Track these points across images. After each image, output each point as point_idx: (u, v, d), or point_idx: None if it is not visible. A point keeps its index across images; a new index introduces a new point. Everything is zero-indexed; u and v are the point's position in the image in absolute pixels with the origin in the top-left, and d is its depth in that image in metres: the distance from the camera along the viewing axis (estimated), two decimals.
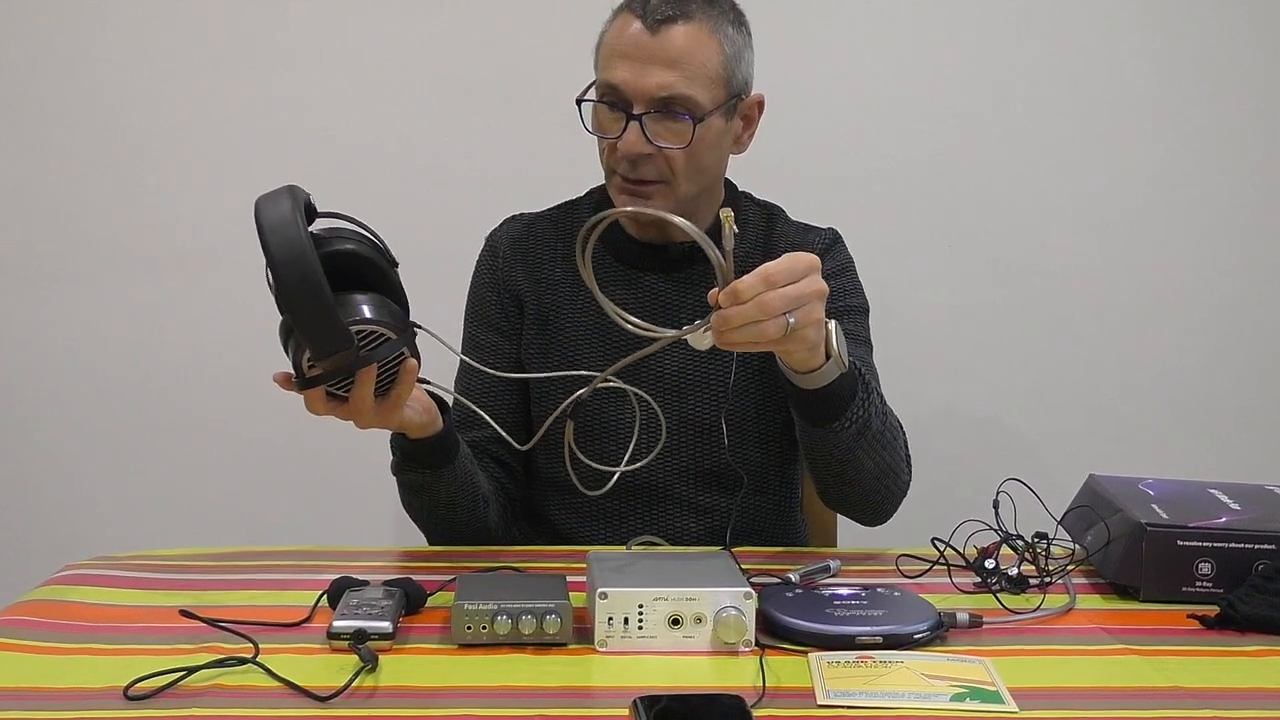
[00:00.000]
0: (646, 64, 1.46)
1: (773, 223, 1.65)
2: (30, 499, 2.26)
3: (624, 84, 1.47)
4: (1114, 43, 2.24)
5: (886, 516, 1.52)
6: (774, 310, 1.18)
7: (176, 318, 2.24)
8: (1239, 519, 1.31)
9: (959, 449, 2.27)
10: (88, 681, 1.04)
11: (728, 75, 1.50)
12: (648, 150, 1.48)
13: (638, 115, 1.47)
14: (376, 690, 1.03)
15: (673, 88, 1.46)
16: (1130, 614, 1.25)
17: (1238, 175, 2.28)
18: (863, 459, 1.41)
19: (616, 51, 1.48)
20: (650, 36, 1.46)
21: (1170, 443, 2.31)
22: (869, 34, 2.23)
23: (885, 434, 1.43)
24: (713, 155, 1.54)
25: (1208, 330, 2.31)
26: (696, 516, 1.58)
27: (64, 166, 2.20)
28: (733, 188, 1.66)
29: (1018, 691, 1.03)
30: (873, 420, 1.39)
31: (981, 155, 2.26)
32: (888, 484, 1.47)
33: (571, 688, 1.05)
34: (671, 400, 1.56)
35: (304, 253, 1.13)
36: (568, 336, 1.61)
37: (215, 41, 2.19)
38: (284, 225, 1.14)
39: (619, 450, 1.56)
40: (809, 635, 1.13)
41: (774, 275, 1.18)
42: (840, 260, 1.64)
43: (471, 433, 1.56)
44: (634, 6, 1.49)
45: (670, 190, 1.52)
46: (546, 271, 1.64)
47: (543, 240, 1.66)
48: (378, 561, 1.38)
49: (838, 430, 1.37)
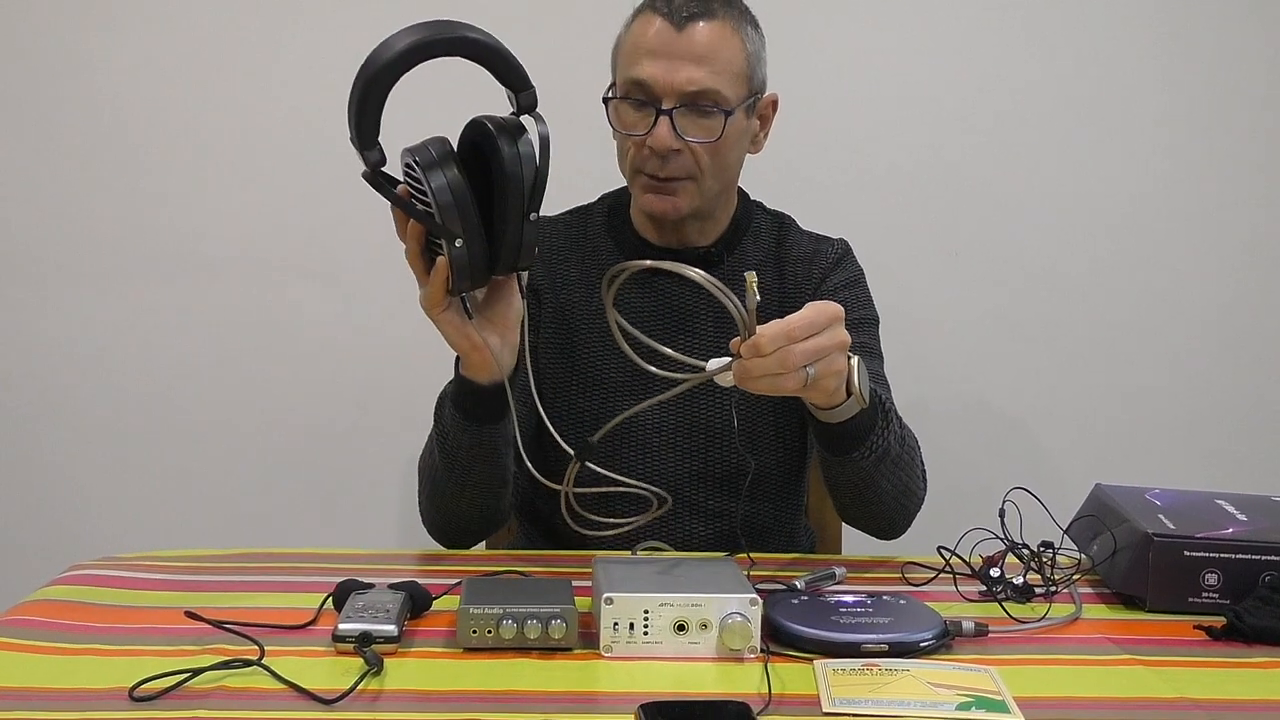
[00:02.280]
0: (675, 60, 1.47)
1: (784, 233, 1.66)
2: (35, 500, 2.26)
3: (653, 80, 1.48)
4: (1121, 49, 2.24)
5: (902, 531, 1.54)
6: (794, 365, 1.18)
7: (182, 319, 2.24)
8: (1246, 530, 1.31)
9: (965, 457, 2.27)
10: (93, 682, 1.04)
11: (750, 73, 1.52)
12: (677, 145, 1.49)
13: (668, 110, 1.48)
14: (381, 693, 1.03)
15: (701, 82, 1.47)
16: (1136, 624, 1.25)
17: (1246, 182, 2.27)
18: (881, 483, 1.43)
19: (642, 49, 1.49)
20: (677, 33, 1.48)
21: (1177, 452, 2.30)
22: (877, 41, 2.23)
23: (903, 456, 1.45)
24: (736, 152, 1.56)
25: (1216, 340, 2.30)
26: (706, 521, 1.58)
27: (66, 168, 2.20)
28: (745, 196, 1.66)
29: (1023, 701, 1.03)
30: (891, 447, 1.40)
31: (988, 162, 2.25)
32: (904, 503, 1.49)
33: (576, 693, 1.05)
34: (684, 404, 1.56)
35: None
36: (581, 336, 1.61)
37: (222, 43, 2.19)
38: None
39: (635, 459, 1.56)
40: (815, 642, 1.13)
41: (796, 329, 1.18)
42: (850, 273, 1.65)
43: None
44: (657, 6, 1.50)
45: (696, 187, 1.53)
46: (562, 271, 1.64)
47: (556, 242, 1.66)
48: (383, 564, 1.38)
49: (857, 459, 1.39)
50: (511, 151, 1.22)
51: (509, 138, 1.23)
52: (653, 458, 1.58)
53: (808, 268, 1.63)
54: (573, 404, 1.59)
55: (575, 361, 1.60)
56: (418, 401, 1.73)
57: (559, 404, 1.59)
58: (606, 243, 1.65)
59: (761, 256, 1.62)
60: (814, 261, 1.63)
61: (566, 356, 1.61)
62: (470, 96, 1.31)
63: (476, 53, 1.22)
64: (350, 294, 2.23)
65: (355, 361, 2.25)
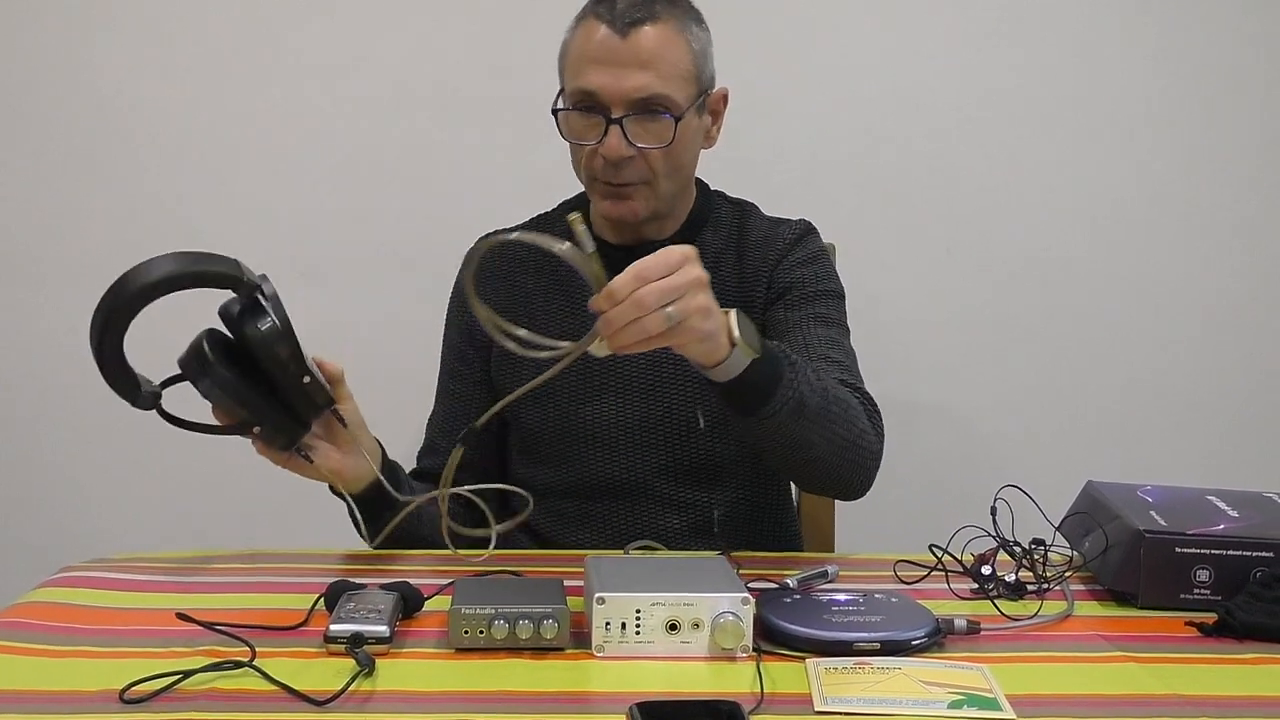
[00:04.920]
0: (621, 67, 1.47)
1: (745, 219, 1.66)
2: (28, 501, 2.26)
3: (601, 89, 1.48)
4: (1111, 47, 2.24)
5: (861, 489, 1.47)
6: (650, 305, 1.16)
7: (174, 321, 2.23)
8: (1237, 526, 1.31)
9: (957, 455, 2.27)
10: (83, 684, 1.03)
11: (697, 72, 1.52)
12: (630, 153, 1.49)
13: (618, 119, 1.47)
14: (373, 694, 1.03)
15: (650, 88, 1.47)
16: (1128, 621, 1.25)
17: (1238, 180, 2.28)
18: (811, 438, 1.37)
19: (587, 57, 1.49)
20: (621, 40, 1.47)
21: (1169, 449, 2.31)
22: (868, 40, 2.23)
23: (830, 408, 1.37)
24: (689, 152, 1.56)
25: (1207, 336, 2.31)
26: (678, 513, 1.58)
27: (64, 169, 2.21)
28: (704, 188, 1.67)
29: (1015, 698, 1.03)
30: (808, 398, 1.34)
31: (980, 160, 2.26)
32: (851, 457, 1.42)
33: (569, 693, 1.05)
34: (643, 399, 1.57)
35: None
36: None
37: (220, 46, 2.19)
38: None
39: (598, 458, 1.56)
40: (807, 641, 1.13)
41: (645, 270, 1.17)
42: (810, 249, 1.63)
43: (432, 460, 1.62)
44: (599, 12, 1.50)
45: (651, 190, 1.53)
46: (519, 284, 1.65)
47: (513, 255, 1.66)
48: (375, 565, 1.38)
49: (771, 415, 1.32)
50: (255, 333, 1.28)
51: (250, 320, 1.29)
52: (618, 455, 1.58)
53: (765, 251, 1.61)
54: (542, 414, 1.61)
55: (537, 372, 1.60)
56: (408, 402, 1.74)
57: (527, 416, 1.61)
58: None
59: (721, 246, 1.62)
60: (771, 243, 1.62)
61: (529, 369, 1.61)
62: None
63: (184, 284, 1.28)
64: (342, 294, 2.23)
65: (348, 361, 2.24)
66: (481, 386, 1.66)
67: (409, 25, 2.20)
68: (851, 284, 1.67)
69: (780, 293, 1.59)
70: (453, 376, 1.69)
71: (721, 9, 1.61)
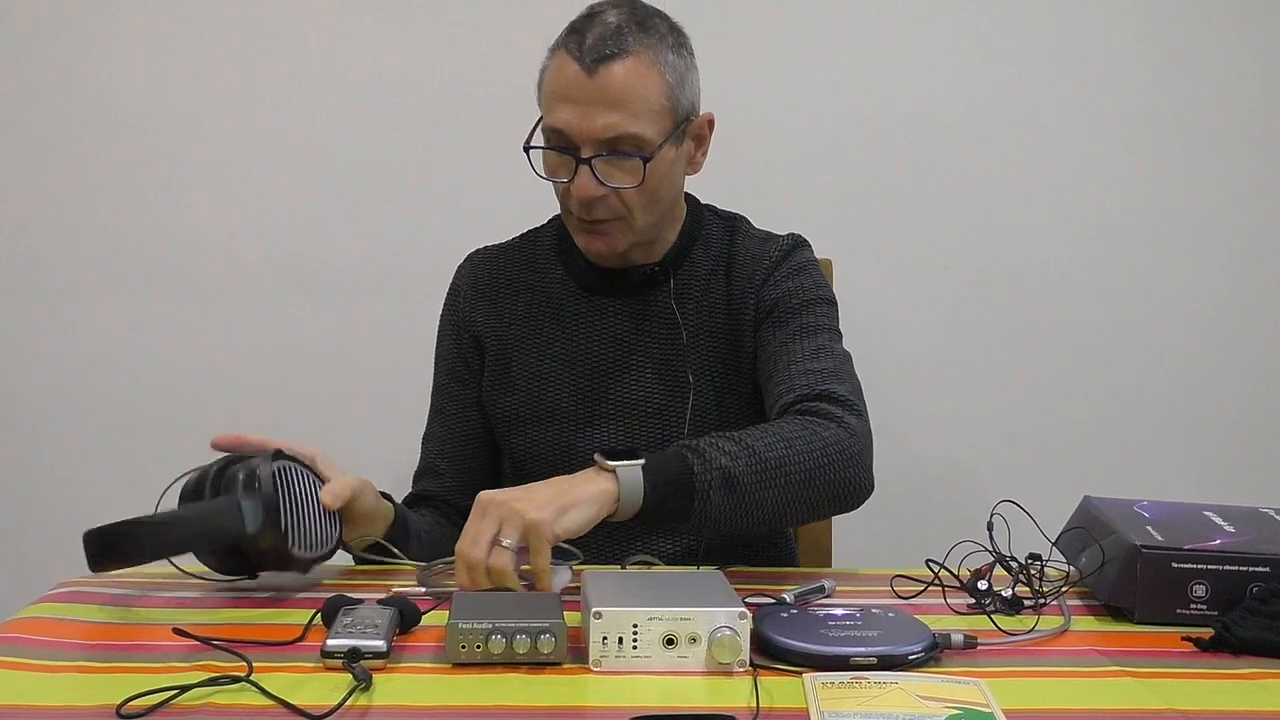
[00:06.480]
0: (589, 106, 1.43)
1: (734, 234, 1.64)
2: (26, 516, 2.26)
3: (569, 128, 1.45)
4: (1107, 57, 2.25)
5: (857, 493, 1.40)
6: (478, 558, 1.22)
7: (178, 333, 2.25)
8: (1234, 541, 1.31)
9: (953, 470, 2.28)
10: (80, 700, 1.03)
11: (673, 104, 1.48)
12: (600, 192, 1.46)
13: (587, 159, 1.45)
14: (370, 709, 1.03)
15: (618, 128, 1.44)
16: (1125, 636, 1.25)
17: (1236, 192, 2.29)
18: (762, 498, 1.33)
19: (557, 94, 1.46)
20: (589, 78, 1.43)
21: (1166, 465, 2.31)
22: (864, 54, 2.24)
23: (767, 457, 1.33)
24: (666, 184, 1.52)
25: (1206, 351, 2.31)
26: (670, 537, 1.58)
27: (67, 180, 2.22)
28: (695, 204, 1.65)
29: (1012, 713, 1.03)
30: (734, 469, 1.31)
31: (977, 174, 2.27)
32: (824, 478, 1.36)
33: (566, 708, 1.04)
34: (635, 426, 1.58)
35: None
36: (531, 369, 1.61)
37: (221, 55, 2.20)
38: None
39: None
40: (804, 656, 1.13)
41: (460, 542, 1.25)
42: (797, 262, 1.61)
43: (431, 483, 1.63)
44: (570, 46, 1.46)
45: (628, 225, 1.51)
46: (509, 305, 1.65)
47: (503, 273, 1.66)
48: (372, 580, 1.38)
49: (702, 509, 1.31)
50: (248, 510, 1.27)
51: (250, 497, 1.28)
52: None
53: (752, 269, 1.60)
54: (534, 438, 1.61)
55: (528, 395, 1.61)
56: (408, 414, 1.74)
57: (518, 440, 1.61)
58: (555, 268, 1.64)
59: (711, 264, 1.61)
60: (759, 261, 1.60)
61: (519, 392, 1.61)
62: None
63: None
64: (344, 305, 2.24)
65: (349, 373, 2.26)
66: (476, 406, 1.66)
67: (412, 38, 2.21)
68: (848, 299, 1.67)
69: (768, 310, 1.57)
70: (446, 395, 1.69)
71: (717, 22, 1.60)
